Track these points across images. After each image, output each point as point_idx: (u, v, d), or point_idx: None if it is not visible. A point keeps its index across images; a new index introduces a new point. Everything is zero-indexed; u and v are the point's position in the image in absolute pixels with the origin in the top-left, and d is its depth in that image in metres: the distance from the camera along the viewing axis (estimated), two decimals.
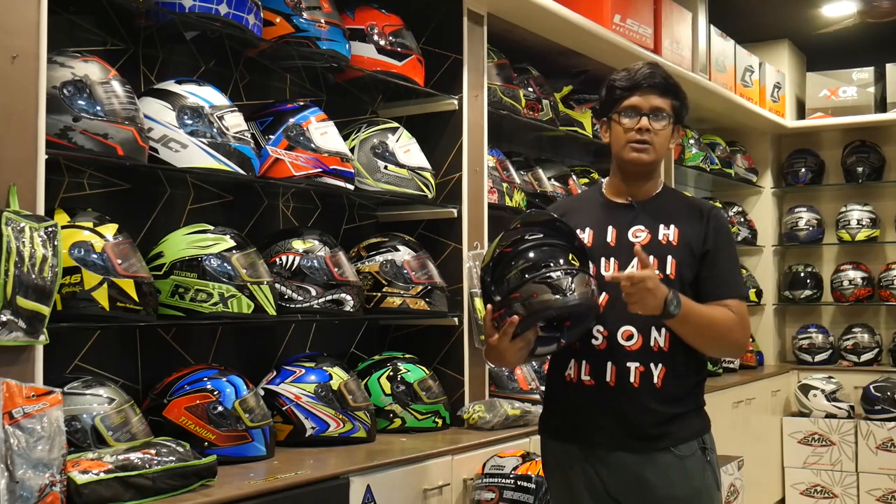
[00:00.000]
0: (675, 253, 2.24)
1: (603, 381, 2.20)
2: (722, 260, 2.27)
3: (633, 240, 2.25)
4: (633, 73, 2.28)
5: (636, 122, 2.24)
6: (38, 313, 1.94)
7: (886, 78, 5.93)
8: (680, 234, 2.26)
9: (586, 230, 2.30)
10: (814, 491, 5.70)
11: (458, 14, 3.30)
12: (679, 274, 2.22)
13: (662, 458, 2.19)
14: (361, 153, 3.01)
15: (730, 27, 5.39)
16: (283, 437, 2.68)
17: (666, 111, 2.26)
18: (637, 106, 2.25)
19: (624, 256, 2.23)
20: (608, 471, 2.21)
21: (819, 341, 6.04)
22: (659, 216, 2.29)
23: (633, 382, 2.19)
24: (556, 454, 2.32)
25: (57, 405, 1.89)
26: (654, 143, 2.25)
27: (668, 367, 2.19)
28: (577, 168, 4.33)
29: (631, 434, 2.19)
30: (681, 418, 2.21)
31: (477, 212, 3.34)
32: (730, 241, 2.34)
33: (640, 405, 2.18)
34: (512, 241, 2.19)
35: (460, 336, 3.25)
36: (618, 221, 2.30)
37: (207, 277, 2.42)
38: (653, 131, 2.24)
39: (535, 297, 2.10)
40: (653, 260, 2.17)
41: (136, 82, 2.60)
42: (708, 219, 2.28)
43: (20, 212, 1.96)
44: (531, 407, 3.19)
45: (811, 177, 6.29)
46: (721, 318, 2.21)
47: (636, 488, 2.20)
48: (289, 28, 2.74)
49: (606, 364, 2.20)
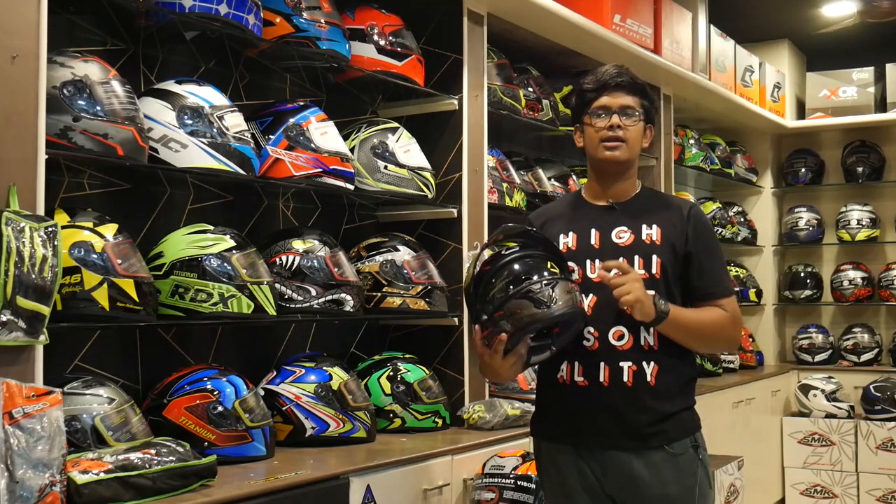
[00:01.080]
0: (659, 252, 2.26)
1: (596, 382, 2.22)
2: (707, 259, 2.29)
3: (616, 241, 2.27)
4: (600, 75, 2.33)
5: (607, 121, 2.28)
6: (38, 313, 1.94)
7: (886, 78, 5.93)
8: (662, 233, 2.27)
9: (569, 234, 2.32)
10: (814, 491, 5.70)
11: (458, 14, 3.30)
12: (664, 273, 2.25)
13: (656, 456, 2.20)
14: (361, 153, 3.01)
15: (730, 27, 5.39)
16: (283, 437, 2.68)
17: (635, 109, 2.30)
18: (607, 105, 2.29)
19: (608, 258, 2.25)
20: (603, 469, 2.23)
21: (819, 341, 6.04)
22: (640, 216, 2.31)
23: (627, 381, 2.20)
24: (551, 455, 2.33)
25: (57, 405, 1.89)
26: (626, 140, 2.29)
27: (661, 364, 2.21)
28: (577, 168, 4.32)
29: (625, 433, 2.21)
30: (674, 416, 2.23)
31: (477, 212, 3.34)
32: (712, 238, 2.36)
33: (635, 403, 2.20)
34: (490, 257, 2.19)
35: (460, 336, 3.25)
36: (600, 224, 2.31)
37: (207, 277, 2.42)
38: (624, 128, 2.28)
39: (519, 313, 2.11)
40: (638, 259, 2.22)
41: (136, 82, 2.60)
42: (688, 217, 2.30)
43: (20, 212, 1.96)
44: (531, 407, 3.18)
45: (811, 177, 6.29)
46: (711, 320, 2.25)
47: (631, 486, 2.21)
48: (289, 28, 2.74)
49: (599, 364, 2.22)
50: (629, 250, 2.25)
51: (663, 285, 2.23)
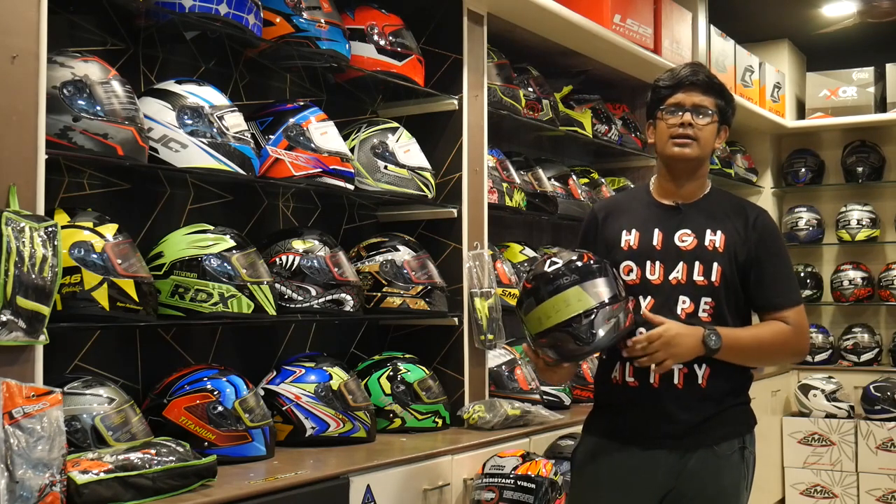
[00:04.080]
0: (720, 260, 2.23)
1: (646, 382, 2.23)
2: (771, 269, 2.26)
3: (678, 244, 2.26)
4: (676, 73, 2.31)
5: (679, 118, 2.26)
6: (38, 313, 1.94)
7: (886, 78, 5.93)
8: (726, 240, 2.25)
9: (632, 231, 2.30)
10: (814, 491, 5.70)
11: (458, 14, 3.30)
12: (724, 281, 2.23)
13: (700, 455, 2.21)
14: (361, 153, 3.01)
15: (730, 27, 5.39)
16: (283, 437, 2.68)
17: (709, 108, 2.27)
18: (680, 103, 2.27)
19: (669, 260, 2.24)
20: (642, 467, 2.23)
21: (819, 341, 6.04)
22: (706, 220, 2.28)
23: (677, 384, 2.22)
24: (595, 448, 2.34)
25: (57, 405, 1.89)
26: (697, 139, 2.26)
27: (713, 367, 2.21)
28: (577, 168, 4.33)
29: (671, 432, 2.21)
30: (723, 416, 2.23)
31: (477, 212, 3.34)
32: (779, 246, 2.33)
33: (684, 405, 2.21)
34: (533, 276, 2.20)
35: (460, 336, 3.25)
36: (664, 224, 2.29)
37: (207, 277, 2.42)
38: (696, 126, 2.25)
39: (560, 346, 2.15)
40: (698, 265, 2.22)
41: (136, 82, 2.60)
42: (754, 225, 2.28)
43: (20, 212, 1.96)
44: (531, 407, 3.19)
45: (811, 177, 6.29)
46: (770, 337, 2.24)
47: (669, 484, 2.22)
48: (289, 28, 2.74)
49: (650, 366, 2.21)
50: (691, 255, 2.24)
51: (723, 293, 2.22)
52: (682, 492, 2.21)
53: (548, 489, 2.65)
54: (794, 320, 2.25)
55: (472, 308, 3.24)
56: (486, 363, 3.33)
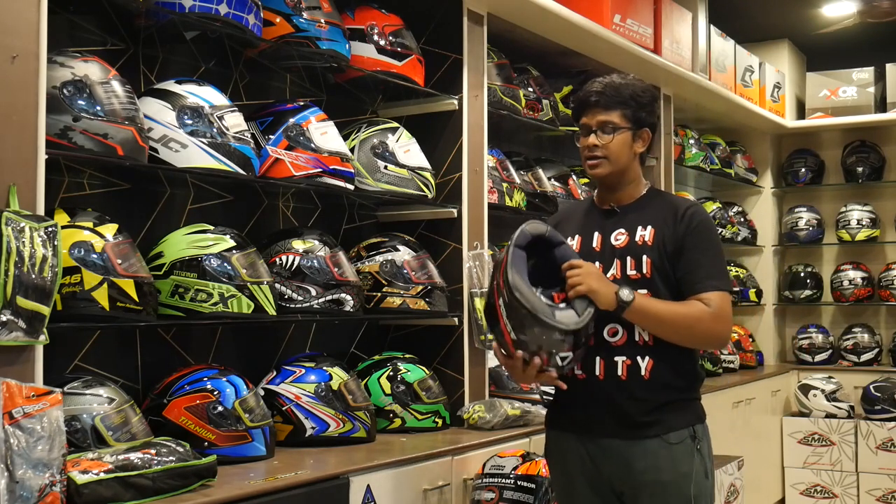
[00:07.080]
0: (649, 252, 2.31)
1: (593, 374, 2.30)
2: (697, 256, 2.30)
3: (613, 243, 2.35)
4: (581, 94, 2.41)
5: (586, 141, 2.37)
6: (38, 313, 1.94)
7: (886, 78, 5.93)
8: (655, 234, 2.33)
9: (575, 237, 2.40)
10: (814, 491, 5.70)
11: (458, 14, 3.30)
12: (654, 272, 2.30)
13: (651, 444, 2.27)
14: (361, 153, 3.01)
15: (730, 27, 5.39)
16: (283, 437, 2.68)
17: (612, 123, 2.34)
18: (586, 124, 2.38)
19: (607, 259, 2.33)
20: (601, 457, 2.31)
21: (819, 341, 6.04)
22: (638, 219, 2.37)
23: (621, 375, 2.28)
24: (558, 443, 2.41)
25: (57, 405, 1.89)
26: (607, 156, 2.35)
27: (657, 358, 2.27)
28: (577, 168, 4.32)
29: (621, 422, 2.28)
30: (671, 407, 2.29)
31: (477, 212, 3.34)
32: (707, 236, 2.35)
33: (629, 395, 2.27)
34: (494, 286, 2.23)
35: (460, 336, 3.25)
36: (603, 227, 2.39)
37: (207, 277, 2.42)
38: (601, 145, 2.34)
39: None
40: (630, 260, 2.30)
41: (136, 82, 2.60)
42: (682, 217, 2.33)
43: (20, 212, 1.96)
44: (531, 407, 3.19)
45: (811, 177, 6.29)
46: (685, 311, 2.26)
47: (626, 473, 2.28)
48: (289, 28, 2.74)
49: (595, 358, 2.29)
50: (623, 252, 2.33)
51: (654, 284, 2.29)
52: (639, 480, 2.27)
53: (548, 489, 2.65)
54: (714, 304, 2.26)
55: (472, 308, 3.24)
56: (486, 363, 3.33)
